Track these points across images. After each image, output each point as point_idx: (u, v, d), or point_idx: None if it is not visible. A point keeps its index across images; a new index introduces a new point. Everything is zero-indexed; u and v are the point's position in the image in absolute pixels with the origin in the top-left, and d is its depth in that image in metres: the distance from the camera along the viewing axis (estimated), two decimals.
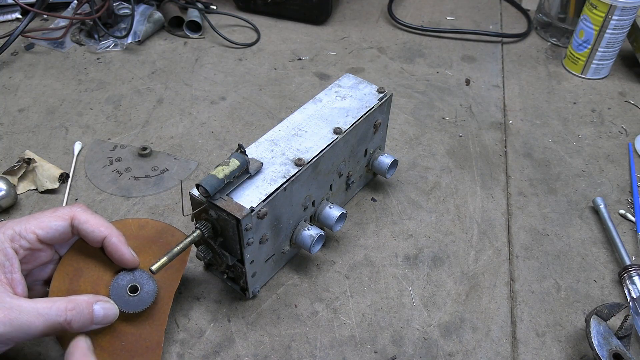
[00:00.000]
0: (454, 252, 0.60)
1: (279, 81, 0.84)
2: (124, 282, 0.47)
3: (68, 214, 0.45)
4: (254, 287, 0.54)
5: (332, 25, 0.98)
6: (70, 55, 0.88)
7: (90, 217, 0.46)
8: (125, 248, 0.46)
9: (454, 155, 0.72)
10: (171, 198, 0.65)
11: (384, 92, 0.60)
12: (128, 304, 0.46)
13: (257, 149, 0.53)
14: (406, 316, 0.54)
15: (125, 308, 0.46)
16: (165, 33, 0.94)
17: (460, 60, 0.90)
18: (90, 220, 0.45)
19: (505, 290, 0.56)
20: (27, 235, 0.43)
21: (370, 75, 0.86)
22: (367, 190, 0.66)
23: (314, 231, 0.54)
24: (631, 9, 0.78)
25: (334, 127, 0.55)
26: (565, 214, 0.65)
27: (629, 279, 0.56)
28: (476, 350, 0.51)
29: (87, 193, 0.65)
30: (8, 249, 0.42)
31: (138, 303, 0.46)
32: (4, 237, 0.42)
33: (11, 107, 0.77)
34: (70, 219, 0.45)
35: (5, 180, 0.62)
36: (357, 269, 0.58)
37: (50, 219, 0.44)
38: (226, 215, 0.46)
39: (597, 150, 0.74)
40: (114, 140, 0.72)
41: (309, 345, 0.51)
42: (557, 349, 0.52)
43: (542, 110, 0.80)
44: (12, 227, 0.43)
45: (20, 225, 0.43)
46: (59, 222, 0.44)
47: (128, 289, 0.47)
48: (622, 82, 0.87)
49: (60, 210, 0.45)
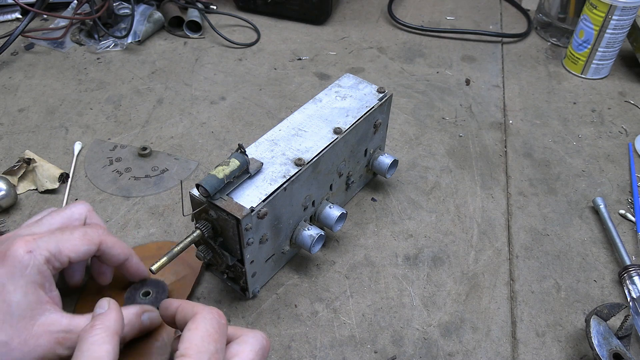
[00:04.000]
0: (454, 252, 0.60)
1: (279, 81, 0.84)
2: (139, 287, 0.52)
3: (98, 239, 0.46)
4: (254, 287, 0.54)
5: (332, 25, 0.98)
6: (70, 55, 0.88)
7: (115, 240, 0.47)
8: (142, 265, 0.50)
9: (454, 155, 0.72)
10: (171, 198, 0.65)
11: (384, 92, 0.60)
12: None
13: (257, 149, 0.53)
14: (406, 316, 0.54)
15: None
16: (165, 33, 0.94)
17: (460, 60, 0.90)
18: (116, 244, 0.47)
19: (505, 290, 0.56)
20: (61, 259, 0.43)
21: (370, 75, 0.86)
22: (367, 190, 0.67)
23: (314, 231, 0.54)
24: (631, 9, 0.78)
25: (334, 127, 0.55)
26: (565, 214, 0.65)
27: (629, 279, 0.56)
28: (476, 350, 0.51)
29: (87, 193, 0.65)
30: (46, 270, 0.42)
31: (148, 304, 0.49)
32: (41, 259, 0.42)
33: (11, 107, 0.77)
34: (99, 244, 0.46)
35: (5, 180, 0.62)
36: (357, 269, 0.58)
37: (83, 242, 0.45)
38: (226, 215, 0.46)
39: (597, 150, 0.74)
40: (114, 140, 0.72)
41: (309, 345, 0.51)
42: (557, 349, 0.52)
43: (542, 110, 0.80)
44: (46, 248, 0.43)
45: (52, 244, 0.43)
46: (91, 247, 0.45)
47: (141, 294, 0.51)
48: (622, 82, 0.87)
49: (90, 234, 0.46)
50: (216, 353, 0.35)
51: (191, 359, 0.34)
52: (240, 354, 0.37)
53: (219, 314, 0.38)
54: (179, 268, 0.55)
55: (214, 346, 0.35)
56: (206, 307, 0.38)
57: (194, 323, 0.37)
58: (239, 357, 0.37)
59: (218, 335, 0.36)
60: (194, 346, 0.35)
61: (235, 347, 0.38)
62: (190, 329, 0.36)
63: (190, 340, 0.35)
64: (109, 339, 0.36)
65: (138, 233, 0.60)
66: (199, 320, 0.37)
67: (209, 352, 0.35)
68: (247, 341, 0.38)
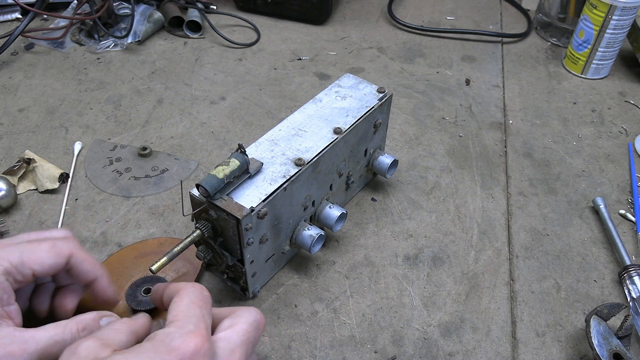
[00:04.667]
0: (454, 252, 0.60)
1: (279, 81, 0.84)
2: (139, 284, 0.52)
3: (67, 252, 0.43)
4: (254, 287, 0.54)
5: (332, 25, 0.98)
6: (70, 55, 0.88)
7: (86, 255, 0.44)
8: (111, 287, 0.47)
9: (454, 155, 0.72)
10: (171, 198, 0.65)
11: (384, 92, 0.60)
12: (140, 303, 0.50)
13: (257, 148, 0.53)
14: (406, 316, 0.54)
15: (138, 306, 0.50)
16: (165, 33, 0.94)
17: (460, 60, 0.90)
18: (87, 260, 0.44)
19: (505, 290, 0.56)
20: (23, 271, 0.41)
21: (370, 75, 0.86)
22: (367, 190, 0.67)
23: (314, 231, 0.54)
24: (631, 9, 0.78)
25: (334, 127, 0.55)
26: (565, 214, 0.65)
27: (629, 279, 0.56)
28: (476, 350, 0.51)
29: (87, 193, 0.65)
30: (4, 282, 0.40)
31: (149, 301, 0.50)
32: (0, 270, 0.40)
33: (11, 107, 0.77)
34: (68, 257, 0.43)
35: (5, 180, 0.62)
36: (357, 269, 0.58)
37: (50, 255, 0.42)
38: (226, 215, 0.46)
39: (597, 150, 0.74)
40: (114, 140, 0.72)
41: (309, 345, 0.51)
42: (557, 349, 0.52)
43: (542, 110, 0.80)
44: (7, 259, 0.40)
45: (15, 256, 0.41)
46: (58, 260, 0.42)
47: (142, 291, 0.51)
48: (622, 82, 0.87)
49: (59, 246, 0.43)
50: (202, 317, 0.36)
51: (179, 322, 0.35)
52: (235, 325, 0.38)
53: (202, 287, 0.39)
54: (180, 265, 0.55)
55: (199, 311, 0.36)
56: (189, 283, 0.39)
57: (178, 296, 0.38)
58: (232, 328, 0.37)
59: (202, 302, 0.37)
60: (180, 312, 0.36)
61: (227, 321, 0.38)
62: (175, 301, 0.37)
63: (177, 309, 0.37)
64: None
65: (138, 233, 0.60)
66: (183, 293, 0.38)
67: (195, 316, 0.36)
68: (241, 315, 0.39)
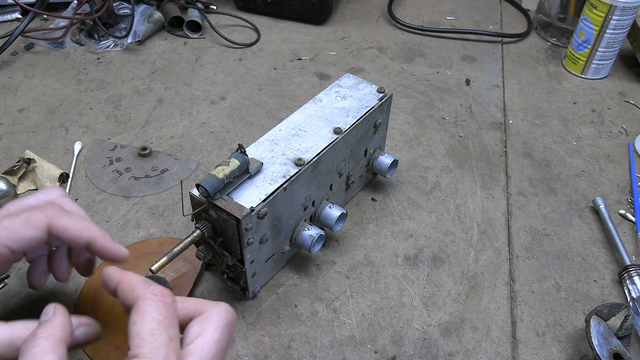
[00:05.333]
0: (454, 252, 0.60)
1: (279, 81, 0.84)
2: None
3: (44, 222, 0.39)
4: (254, 287, 0.54)
5: (332, 25, 0.98)
6: (70, 55, 0.88)
7: (69, 221, 0.40)
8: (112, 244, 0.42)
9: (454, 155, 0.72)
10: (171, 198, 0.65)
11: (384, 92, 0.60)
12: None
13: (257, 149, 0.53)
14: (406, 316, 0.54)
15: None
16: (165, 33, 0.94)
17: (460, 60, 0.90)
18: (70, 226, 0.40)
19: (505, 290, 0.56)
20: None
21: (370, 75, 0.86)
22: (367, 190, 0.67)
23: (314, 231, 0.54)
24: (631, 9, 0.78)
25: (334, 127, 0.55)
26: (565, 214, 0.65)
27: (629, 279, 0.56)
28: (476, 350, 0.51)
29: (87, 193, 0.65)
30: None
31: None
32: None
33: (11, 107, 0.77)
34: (47, 227, 0.39)
35: (5, 180, 0.62)
36: (357, 269, 0.58)
37: (24, 229, 0.39)
38: (226, 215, 0.46)
39: (597, 150, 0.74)
40: (114, 140, 0.72)
41: (309, 345, 0.51)
42: (557, 349, 0.52)
43: (542, 110, 0.80)
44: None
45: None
46: (34, 232, 0.39)
47: None
48: (622, 82, 0.87)
49: (34, 217, 0.39)
50: (170, 342, 0.31)
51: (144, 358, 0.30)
52: (204, 333, 0.33)
53: (163, 293, 0.33)
54: (180, 265, 0.55)
55: (167, 335, 0.31)
56: (147, 289, 0.33)
57: (138, 314, 0.32)
58: (202, 337, 0.33)
59: (168, 321, 0.32)
60: (145, 342, 0.31)
61: (196, 326, 0.34)
62: (135, 322, 0.32)
63: (140, 336, 0.31)
64: (54, 347, 0.32)
65: (138, 233, 0.60)
66: (142, 309, 0.32)
67: (163, 345, 0.31)
68: (210, 317, 0.34)
